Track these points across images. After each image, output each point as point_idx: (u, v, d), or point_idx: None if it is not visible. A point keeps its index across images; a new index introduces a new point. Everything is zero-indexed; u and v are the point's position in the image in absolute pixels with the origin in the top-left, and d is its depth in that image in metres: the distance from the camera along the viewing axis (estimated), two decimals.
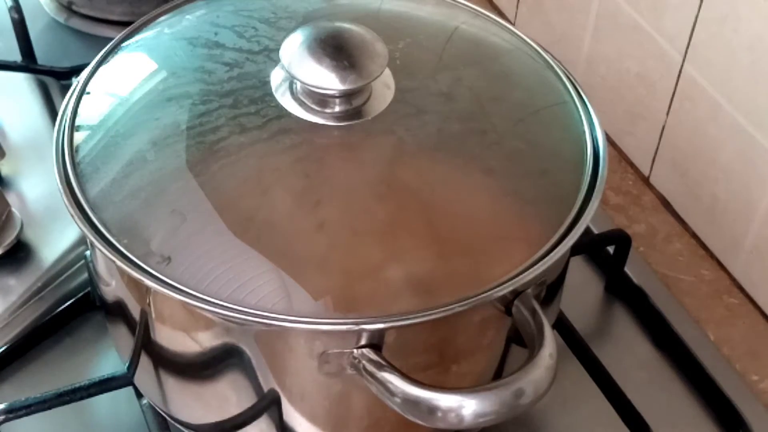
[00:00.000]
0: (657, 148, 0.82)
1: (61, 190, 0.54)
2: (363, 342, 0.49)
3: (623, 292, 0.75)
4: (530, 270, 0.51)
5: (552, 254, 0.52)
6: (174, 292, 0.49)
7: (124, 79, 0.60)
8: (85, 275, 0.71)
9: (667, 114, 0.80)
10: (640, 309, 0.74)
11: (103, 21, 0.95)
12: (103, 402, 0.64)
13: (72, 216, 0.53)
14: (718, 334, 0.74)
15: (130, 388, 0.62)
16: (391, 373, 0.48)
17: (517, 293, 0.51)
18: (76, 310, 0.70)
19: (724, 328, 0.74)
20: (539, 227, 0.55)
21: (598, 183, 0.56)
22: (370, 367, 0.49)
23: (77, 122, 0.58)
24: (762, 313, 0.75)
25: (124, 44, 0.63)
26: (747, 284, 0.76)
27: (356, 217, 0.53)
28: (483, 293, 0.50)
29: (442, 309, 0.49)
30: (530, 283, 0.51)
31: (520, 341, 0.58)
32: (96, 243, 0.52)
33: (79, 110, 0.58)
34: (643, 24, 0.80)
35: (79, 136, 0.57)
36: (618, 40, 0.83)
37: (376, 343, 0.50)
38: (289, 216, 0.53)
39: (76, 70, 0.88)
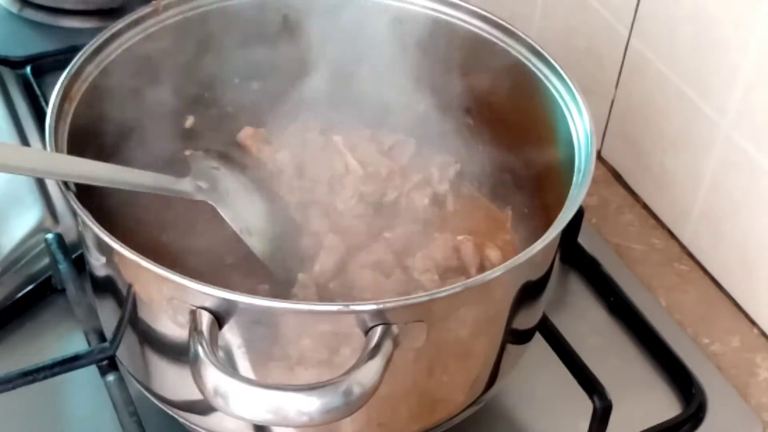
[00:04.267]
0: (607, 122, 0.84)
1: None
2: (206, 304, 0.50)
3: (577, 262, 0.76)
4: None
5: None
6: (159, 267, 0.50)
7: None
8: (46, 260, 0.71)
9: (616, 88, 0.82)
10: (593, 278, 0.75)
11: (56, 10, 0.95)
12: (68, 383, 0.65)
13: (68, 198, 0.54)
14: (670, 300, 0.76)
15: (93, 368, 0.63)
16: (200, 341, 0.48)
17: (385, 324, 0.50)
18: (37, 294, 0.71)
19: (676, 294, 0.76)
20: None
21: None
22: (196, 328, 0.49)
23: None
24: (711, 278, 0.77)
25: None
26: (696, 251, 0.78)
27: None
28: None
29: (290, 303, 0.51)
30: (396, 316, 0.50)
31: (516, 341, 0.60)
32: (88, 221, 0.53)
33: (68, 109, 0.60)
34: (590, 0, 0.81)
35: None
36: (566, 16, 0.85)
37: (215, 311, 0.50)
38: None
39: (31, 60, 0.88)
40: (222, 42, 0.69)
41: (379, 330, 0.49)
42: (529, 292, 0.58)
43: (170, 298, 0.51)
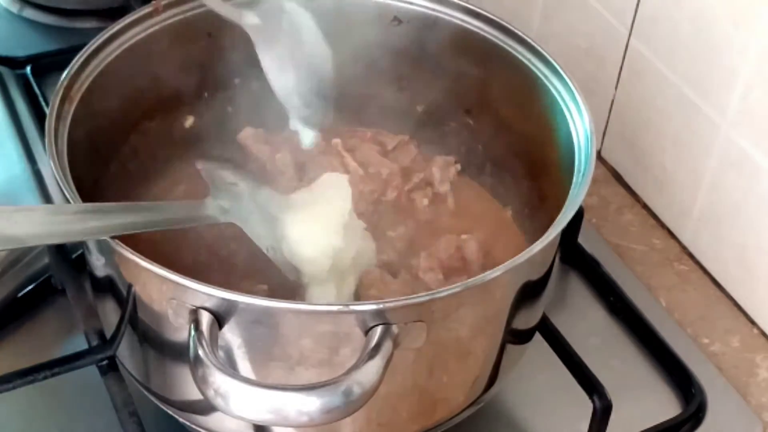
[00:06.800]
0: (607, 122, 0.84)
1: (59, 178, 0.55)
2: (206, 304, 0.50)
3: (577, 262, 0.76)
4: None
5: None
6: (159, 267, 0.50)
7: None
8: (46, 260, 0.71)
9: (616, 88, 0.82)
10: (593, 278, 0.75)
11: (56, 10, 0.95)
12: (68, 383, 0.64)
13: (68, 197, 0.54)
14: (670, 300, 0.76)
15: (93, 368, 0.63)
16: (200, 341, 0.48)
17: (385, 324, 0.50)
18: (37, 294, 0.71)
19: (675, 294, 0.76)
20: None
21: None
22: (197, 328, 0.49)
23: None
24: (711, 278, 0.77)
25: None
26: (696, 251, 0.78)
27: None
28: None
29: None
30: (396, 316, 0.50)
31: (516, 340, 0.60)
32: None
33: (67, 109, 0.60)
34: (590, 0, 0.81)
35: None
36: (567, 16, 0.85)
37: (215, 311, 0.50)
38: None
39: (31, 60, 0.88)
40: (222, 42, 0.69)
41: (379, 330, 0.49)
42: (529, 292, 0.58)
43: (170, 298, 0.51)
